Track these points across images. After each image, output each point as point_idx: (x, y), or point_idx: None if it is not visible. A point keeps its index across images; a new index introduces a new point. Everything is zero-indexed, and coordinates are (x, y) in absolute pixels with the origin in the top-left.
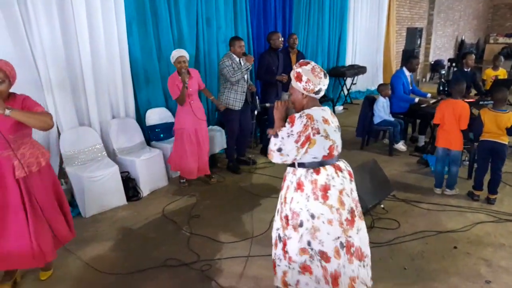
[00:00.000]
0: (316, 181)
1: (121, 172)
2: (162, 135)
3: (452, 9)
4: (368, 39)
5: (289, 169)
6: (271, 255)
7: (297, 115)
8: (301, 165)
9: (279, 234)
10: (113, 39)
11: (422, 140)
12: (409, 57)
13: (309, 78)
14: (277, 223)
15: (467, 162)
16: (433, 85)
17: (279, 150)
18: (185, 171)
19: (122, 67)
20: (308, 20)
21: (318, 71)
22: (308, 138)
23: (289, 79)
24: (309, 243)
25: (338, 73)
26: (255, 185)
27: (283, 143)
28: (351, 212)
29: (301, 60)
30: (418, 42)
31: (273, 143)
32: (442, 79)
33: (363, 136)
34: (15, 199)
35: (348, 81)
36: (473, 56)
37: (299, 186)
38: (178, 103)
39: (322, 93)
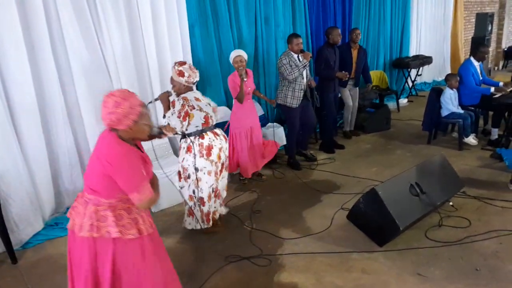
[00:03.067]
0: (202, 143)
1: None
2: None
3: None
4: (433, 27)
5: (182, 140)
6: (333, 252)
7: (176, 99)
8: (189, 134)
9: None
10: (177, 42)
11: (495, 133)
12: (477, 45)
13: (190, 74)
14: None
15: None
16: (507, 73)
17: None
18: (242, 168)
19: None
20: (368, 13)
21: (193, 68)
22: (187, 113)
23: (349, 77)
24: (194, 192)
25: (402, 64)
26: (315, 181)
27: (170, 120)
28: (222, 165)
29: (179, 61)
30: (489, 28)
31: (163, 122)
32: None
33: (430, 130)
34: None
35: (413, 72)
36: None
37: (189, 149)
38: (238, 101)
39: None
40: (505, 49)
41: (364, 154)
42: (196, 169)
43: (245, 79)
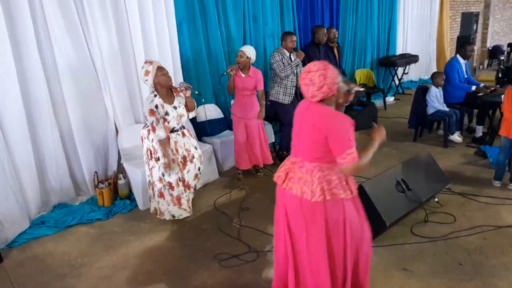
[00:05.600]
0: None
1: None
2: (212, 131)
3: None
4: (420, 26)
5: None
6: None
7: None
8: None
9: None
10: (165, 39)
11: (479, 130)
12: (463, 44)
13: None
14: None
15: None
16: (491, 72)
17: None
18: (237, 160)
19: (173, 66)
20: (356, 11)
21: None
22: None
23: None
24: (163, 175)
25: (389, 62)
26: None
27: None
28: (183, 158)
29: (147, 60)
30: (474, 27)
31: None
32: (501, 66)
33: (416, 128)
34: None
35: (400, 71)
36: None
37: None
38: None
39: None
40: (490, 48)
41: None
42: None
43: (231, 73)
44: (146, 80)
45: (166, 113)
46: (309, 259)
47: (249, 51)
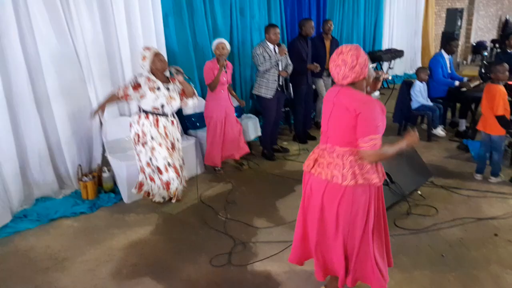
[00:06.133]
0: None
1: None
2: (198, 124)
3: None
4: (405, 22)
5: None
6: None
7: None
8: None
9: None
10: (151, 31)
11: (463, 124)
12: (447, 39)
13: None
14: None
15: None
16: (475, 67)
17: None
18: (208, 158)
19: None
20: (343, 5)
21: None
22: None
23: (322, 69)
24: (150, 159)
25: (374, 57)
26: (289, 172)
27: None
28: (172, 144)
29: (145, 46)
30: (459, 23)
31: None
32: (484, 61)
33: (400, 122)
34: None
35: (385, 65)
36: None
37: (147, 116)
38: (210, 89)
39: None
40: (474, 44)
41: None
42: (152, 138)
43: (225, 67)
44: (143, 66)
45: (158, 88)
46: (334, 241)
47: (227, 43)
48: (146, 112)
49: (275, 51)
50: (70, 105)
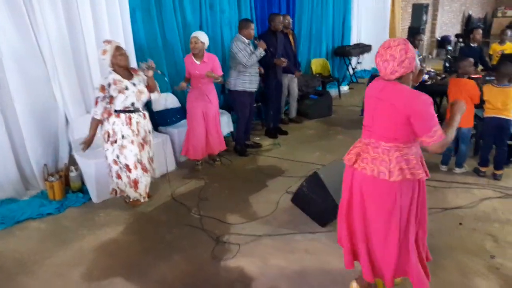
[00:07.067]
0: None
1: None
2: (169, 120)
3: None
4: (373, 17)
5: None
6: (278, 234)
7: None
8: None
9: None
10: (118, 26)
11: None
12: (413, 34)
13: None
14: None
15: (473, 139)
16: (440, 61)
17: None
18: (190, 151)
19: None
20: (312, 0)
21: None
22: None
23: (289, 64)
24: (118, 157)
25: (343, 52)
26: (261, 167)
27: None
28: (143, 139)
29: (105, 39)
30: (424, 18)
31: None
32: (449, 55)
33: None
34: None
35: (354, 60)
36: (480, 31)
37: (118, 115)
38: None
39: None
40: (439, 38)
41: (308, 139)
42: (123, 136)
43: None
44: (104, 59)
45: (126, 88)
46: (384, 238)
47: (202, 36)
48: (117, 111)
49: (251, 45)
50: (34, 104)
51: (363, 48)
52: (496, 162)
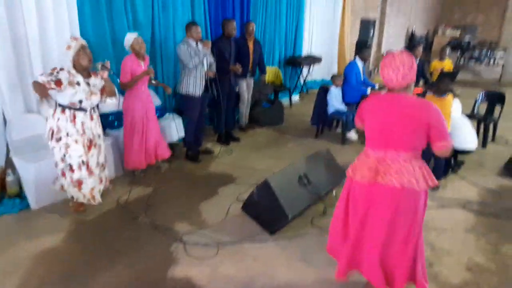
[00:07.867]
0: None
1: None
2: (116, 123)
3: (404, 1)
4: (324, 29)
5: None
6: (227, 243)
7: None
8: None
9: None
10: (64, 21)
11: None
12: (361, 48)
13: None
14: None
15: None
16: None
17: None
18: (132, 161)
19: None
20: (266, 8)
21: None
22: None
23: (246, 70)
24: (64, 155)
25: (295, 62)
26: (213, 174)
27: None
28: (89, 141)
29: (73, 36)
30: (372, 33)
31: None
32: None
33: (318, 125)
34: None
35: (304, 71)
36: (421, 47)
37: (63, 111)
38: (123, 87)
39: None
40: (383, 53)
41: (259, 146)
42: (68, 134)
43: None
44: (66, 54)
45: (78, 83)
46: (405, 244)
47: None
48: (62, 107)
49: (198, 47)
50: None
51: (314, 59)
52: (434, 173)
